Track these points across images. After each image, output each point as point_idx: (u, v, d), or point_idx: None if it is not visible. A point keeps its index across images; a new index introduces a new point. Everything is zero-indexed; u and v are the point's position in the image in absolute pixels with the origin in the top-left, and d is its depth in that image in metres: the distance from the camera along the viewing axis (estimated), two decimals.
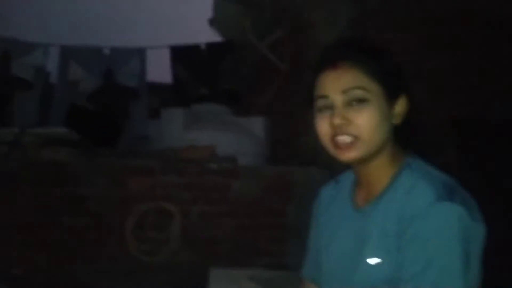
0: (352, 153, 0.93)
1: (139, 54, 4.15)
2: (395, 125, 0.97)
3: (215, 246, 2.66)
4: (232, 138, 3.24)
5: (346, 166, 1.07)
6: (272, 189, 2.78)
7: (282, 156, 3.46)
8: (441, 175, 0.94)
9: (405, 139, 1.01)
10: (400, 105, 0.98)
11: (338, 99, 0.93)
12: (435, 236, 0.84)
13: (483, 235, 0.88)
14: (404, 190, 0.92)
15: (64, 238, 2.48)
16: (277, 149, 3.60)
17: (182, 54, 4.32)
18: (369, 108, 0.92)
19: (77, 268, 2.46)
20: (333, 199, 1.15)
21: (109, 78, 3.94)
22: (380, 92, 0.94)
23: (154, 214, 2.56)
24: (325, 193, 1.19)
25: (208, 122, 3.45)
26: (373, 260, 0.92)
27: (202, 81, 4.42)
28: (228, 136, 3.23)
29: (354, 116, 0.92)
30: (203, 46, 4.45)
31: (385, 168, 0.98)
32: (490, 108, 3.17)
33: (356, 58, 0.95)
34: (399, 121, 0.98)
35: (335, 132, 0.93)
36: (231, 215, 2.70)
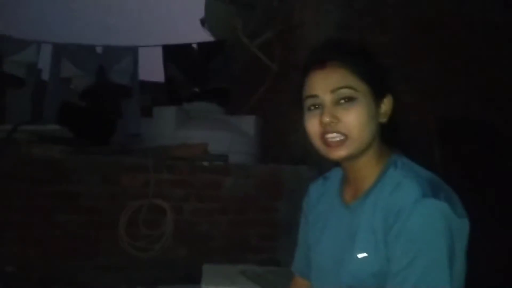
0: (342, 151, 0.95)
1: (132, 53, 4.12)
2: (382, 124, 1.00)
3: (207, 243, 2.68)
4: (224, 137, 3.24)
5: (335, 163, 1.10)
6: (263, 187, 2.81)
7: (273, 155, 3.48)
8: (426, 172, 0.97)
9: (391, 137, 1.04)
10: (386, 104, 1.01)
11: (327, 98, 0.96)
12: (421, 232, 0.86)
13: (467, 230, 0.91)
14: (391, 187, 0.94)
15: (57, 235, 2.46)
16: (268, 148, 3.62)
17: (174, 54, 4.30)
18: (357, 107, 0.94)
19: (71, 265, 2.45)
20: (322, 196, 1.18)
21: (102, 76, 3.91)
22: (368, 92, 0.96)
23: (147, 211, 2.57)
24: (314, 190, 1.22)
25: (200, 121, 3.46)
26: (362, 255, 0.94)
27: (194, 80, 4.42)
28: (220, 135, 3.24)
29: (343, 115, 0.94)
30: (195, 46, 4.46)
31: (372, 166, 1.01)
32: (471, 108, 3.24)
33: (344, 59, 0.97)
34: (385, 120, 1.01)
35: (325, 131, 0.95)
36: (223, 212, 2.72)
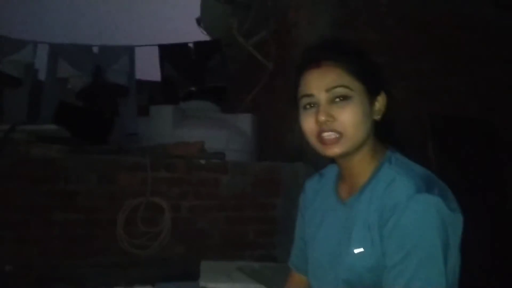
0: (337, 148, 0.96)
1: (128, 52, 4.12)
2: (376, 121, 1.02)
3: (205, 240, 2.69)
4: (220, 135, 3.27)
5: (330, 160, 1.12)
6: (260, 184, 2.83)
7: (269, 152, 3.50)
8: (419, 168, 0.98)
9: (385, 134, 1.05)
10: (380, 102, 1.02)
11: (323, 97, 0.97)
12: (415, 226, 0.87)
13: (461, 224, 0.92)
14: (385, 183, 0.95)
15: (55, 234, 2.46)
16: (264, 145, 3.64)
17: (171, 53, 4.31)
18: (352, 105, 0.96)
19: (69, 264, 2.45)
20: (318, 192, 1.18)
21: (98, 76, 3.92)
22: (362, 90, 0.98)
23: (145, 209, 2.57)
24: (310, 187, 1.23)
25: (197, 119, 3.47)
26: (358, 250, 0.95)
27: (190, 79, 4.42)
28: (216, 133, 3.26)
29: (338, 113, 0.95)
30: (191, 45, 4.47)
31: (367, 162, 1.02)
32: (465, 106, 3.28)
33: (339, 58, 0.98)
34: (379, 117, 1.02)
35: (321, 129, 0.96)
36: (220, 209, 2.73)
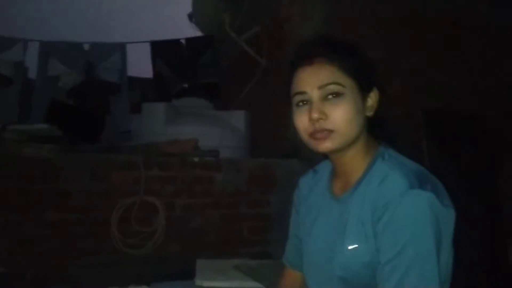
0: (329, 144, 0.97)
1: (119, 49, 4.09)
2: (368, 117, 1.02)
3: (200, 238, 2.68)
4: (214, 132, 3.24)
5: (324, 157, 1.12)
6: (254, 181, 2.82)
7: (263, 149, 3.50)
8: (412, 164, 0.98)
9: (378, 130, 1.05)
10: (373, 98, 1.02)
11: (315, 94, 0.97)
12: (408, 222, 0.87)
13: (453, 220, 0.92)
14: (378, 179, 0.96)
15: (49, 234, 2.44)
16: (258, 142, 3.64)
17: (162, 49, 4.29)
18: (345, 102, 0.96)
19: (63, 264, 2.43)
20: (312, 189, 1.19)
21: (90, 73, 3.88)
22: (354, 87, 0.98)
23: (139, 208, 2.56)
24: (304, 183, 1.24)
25: (190, 116, 3.45)
26: (352, 246, 0.96)
27: (183, 76, 4.40)
28: (210, 130, 3.24)
29: (331, 110, 0.95)
30: (183, 41, 4.44)
31: (360, 158, 1.03)
32: (459, 101, 3.29)
33: (331, 55, 0.98)
34: (372, 113, 1.02)
35: (314, 126, 0.96)
36: (215, 207, 2.73)
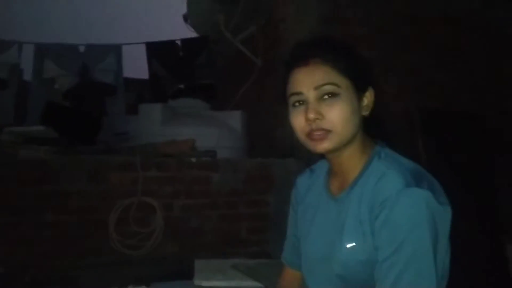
0: (326, 144, 0.97)
1: (115, 51, 4.09)
2: (364, 117, 1.03)
3: (198, 238, 2.69)
4: (211, 132, 3.25)
5: (321, 156, 1.13)
6: (252, 181, 2.82)
7: (260, 149, 3.50)
8: (409, 162, 0.99)
9: (374, 130, 1.06)
10: (368, 98, 1.03)
11: (311, 95, 0.97)
12: (405, 220, 0.88)
13: (450, 217, 0.93)
14: (375, 178, 0.96)
15: (47, 235, 2.43)
16: (255, 142, 3.64)
17: (158, 50, 4.29)
18: (340, 102, 0.96)
19: (62, 265, 2.43)
20: (309, 188, 1.20)
21: (85, 75, 3.89)
22: (350, 86, 0.98)
23: (137, 209, 2.56)
24: (301, 183, 1.24)
25: (186, 117, 3.44)
26: (350, 245, 0.96)
27: (179, 77, 4.40)
28: (207, 130, 3.24)
29: (327, 111, 0.96)
30: (179, 42, 4.45)
31: (357, 158, 1.03)
32: (455, 99, 3.31)
33: (327, 55, 0.99)
34: (368, 113, 1.03)
35: (310, 127, 0.97)
36: (213, 207, 2.73)
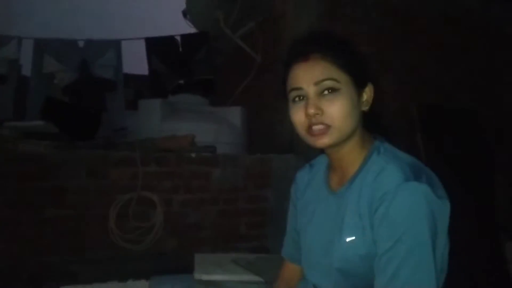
0: (325, 139, 0.98)
1: (114, 46, 4.08)
2: (364, 112, 1.03)
3: (198, 233, 2.70)
4: (210, 128, 3.26)
5: (320, 152, 1.14)
6: (251, 176, 2.84)
7: (259, 144, 3.51)
8: (407, 157, 1.00)
9: (373, 125, 1.07)
10: (368, 93, 1.04)
11: (311, 90, 0.98)
12: (404, 214, 0.89)
13: (448, 211, 0.94)
14: (374, 173, 0.97)
15: (47, 231, 2.44)
16: (254, 138, 3.65)
17: (157, 46, 4.28)
18: (340, 98, 0.97)
19: (61, 260, 2.44)
20: (309, 183, 1.20)
21: (85, 70, 3.88)
22: (349, 82, 0.99)
23: (136, 204, 2.57)
24: (301, 178, 1.25)
25: (186, 113, 3.45)
26: (350, 238, 0.97)
27: (178, 72, 4.40)
28: (206, 126, 3.25)
29: (327, 106, 0.97)
30: (178, 38, 4.44)
31: (356, 152, 1.04)
32: (453, 96, 3.32)
33: (326, 51, 0.99)
34: (367, 108, 1.04)
35: (310, 122, 0.98)
36: (212, 203, 2.74)
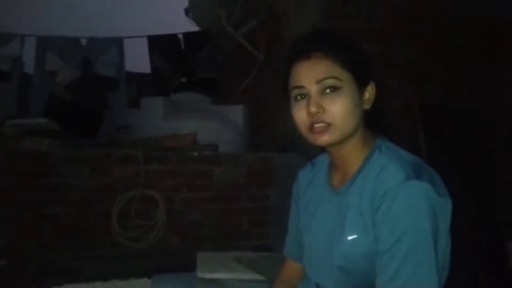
0: (327, 137, 0.98)
1: (117, 44, 4.09)
2: (366, 110, 1.03)
3: (200, 231, 2.70)
4: (212, 126, 3.26)
5: (322, 150, 1.14)
6: (253, 175, 2.84)
7: (262, 143, 3.51)
8: (409, 155, 1.00)
9: (375, 123, 1.07)
10: (370, 91, 1.03)
11: (313, 89, 0.98)
12: (405, 212, 0.89)
13: (450, 209, 0.94)
14: (376, 171, 0.97)
15: (49, 228, 2.45)
16: (256, 136, 3.65)
17: (160, 44, 4.29)
18: (342, 96, 0.97)
19: (64, 258, 2.44)
20: (311, 182, 1.20)
21: (87, 68, 3.89)
22: (351, 80, 0.99)
23: (139, 202, 2.57)
24: (303, 176, 1.25)
25: (188, 111, 3.45)
26: (352, 237, 0.97)
27: (180, 71, 4.41)
28: (208, 124, 3.25)
29: (329, 104, 0.97)
30: (180, 36, 4.45)
31: (358, 151, 1.04)
32: (455, 94, 3.31)
33: (328, 49, 0.99)
34: (369, 106, 1.03)
35: (312, 120, 0.98)
36: (214, 201, 2.74)
